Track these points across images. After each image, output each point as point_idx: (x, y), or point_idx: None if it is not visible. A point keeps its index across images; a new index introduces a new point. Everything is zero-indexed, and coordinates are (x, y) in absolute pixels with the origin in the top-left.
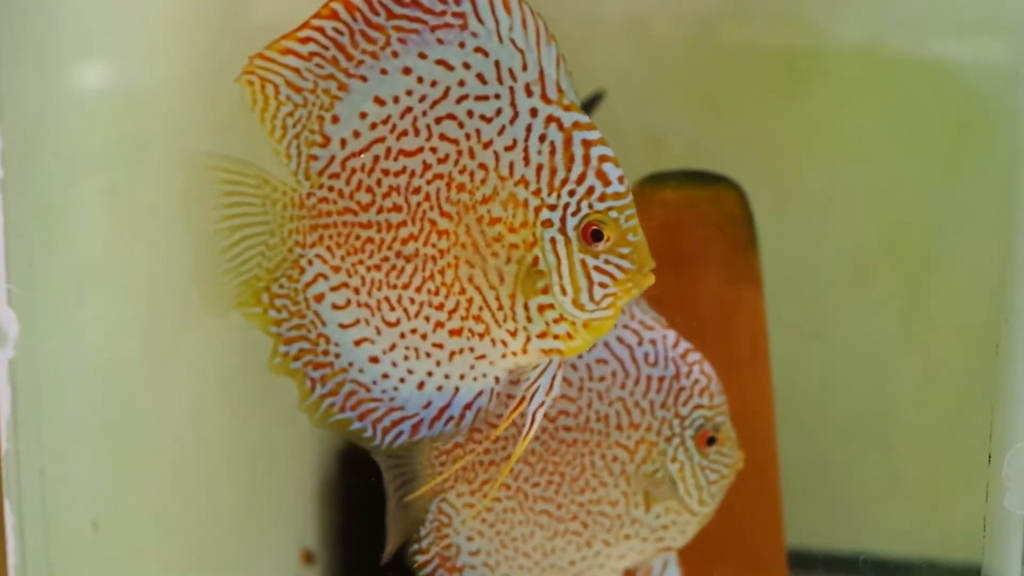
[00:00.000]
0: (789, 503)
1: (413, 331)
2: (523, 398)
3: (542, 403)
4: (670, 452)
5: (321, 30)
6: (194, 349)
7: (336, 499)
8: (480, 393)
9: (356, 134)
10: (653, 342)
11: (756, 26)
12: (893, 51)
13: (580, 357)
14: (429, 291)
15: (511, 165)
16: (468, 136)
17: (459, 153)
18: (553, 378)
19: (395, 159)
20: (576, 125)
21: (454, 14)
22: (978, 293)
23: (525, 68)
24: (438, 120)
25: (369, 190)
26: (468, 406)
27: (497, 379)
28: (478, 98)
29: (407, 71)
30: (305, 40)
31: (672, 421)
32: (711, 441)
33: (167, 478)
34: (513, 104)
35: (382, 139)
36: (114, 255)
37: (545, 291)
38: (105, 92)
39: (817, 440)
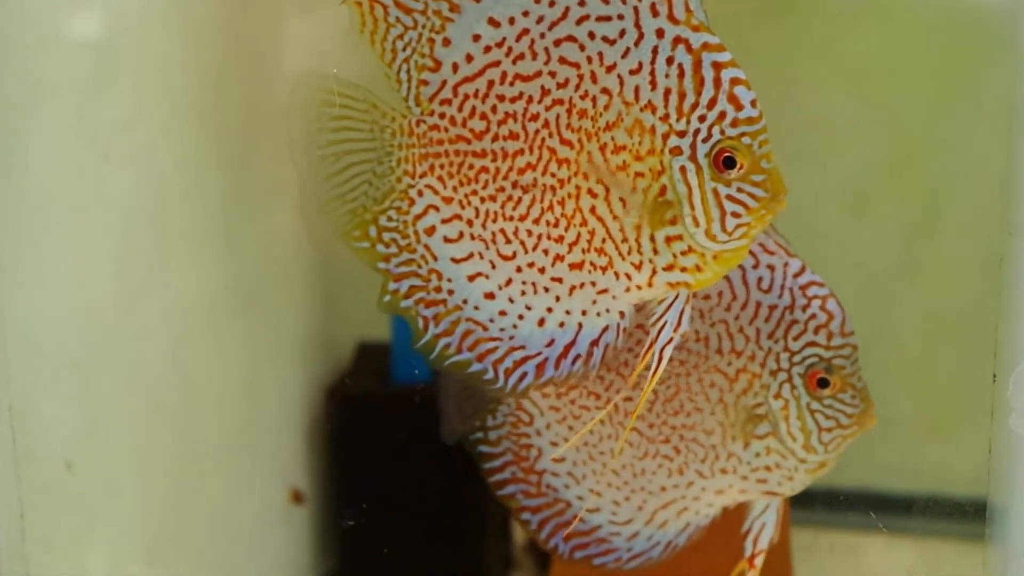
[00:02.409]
0: None
1: (530, 265)
2: (655, 339)
3: (670, 339)
4: (774, 387)
5: None
6: (172, 281)
7: (325, 437)
8: (606, 329)
9: (469, 58)
10: (771, 267)
11: None
12: None
13: None
14: (548, 223)
15: (636, 89)
16: (590, 59)
17: (580, 77)
18: (681, 313)
19: (511, 84)
20: (705, 46)
21: None
22: (980, 217)
23: None
24: (557, 42)
25: (483, 117)
26: (595, 343)
27: (622, 314)
28: (600, 19)
29: None
30: None
31: (780, 354)
32: (822, 383)
33: (144, 415)
34: (638, 25)
35: (497, 63)
36: (83, 184)
37: (673, 222)
38: (71, 9)
39: None
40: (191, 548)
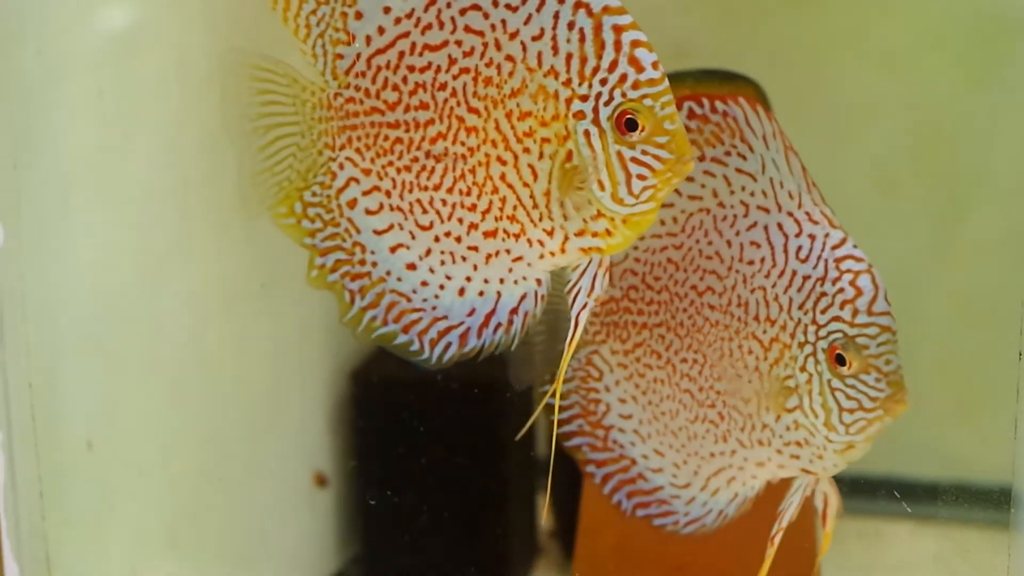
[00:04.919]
0: None
1: (447, 234)
2: (571, 306)
3: (584, 305)
4: (800, 359)
5: None
6: (194, 261)
7: (349, 419)
8: (524, 296)
9: (381, 30)
10: (812, 236)
11: None
12: None
13: (737, 234)
14: (461, 191)
15: (539, 55)
16: (493, 27)
17: (485, 45)
18: (594, 278)
19: (420, 54)
20: (606, 10)
21: None
22: (1008, 199)
23: None
24: (463, 11)
25: (396, 88)
26: (514, 311)
27: (539, 281)
28: None
29: None
30: None
31: (808, 326)
32: (840, 360)
33: (167, 396)
34: None
35: (407, 34)
36: (104, 162)
37: (581, 187)
38: None
39: None
40: (213, 530)
